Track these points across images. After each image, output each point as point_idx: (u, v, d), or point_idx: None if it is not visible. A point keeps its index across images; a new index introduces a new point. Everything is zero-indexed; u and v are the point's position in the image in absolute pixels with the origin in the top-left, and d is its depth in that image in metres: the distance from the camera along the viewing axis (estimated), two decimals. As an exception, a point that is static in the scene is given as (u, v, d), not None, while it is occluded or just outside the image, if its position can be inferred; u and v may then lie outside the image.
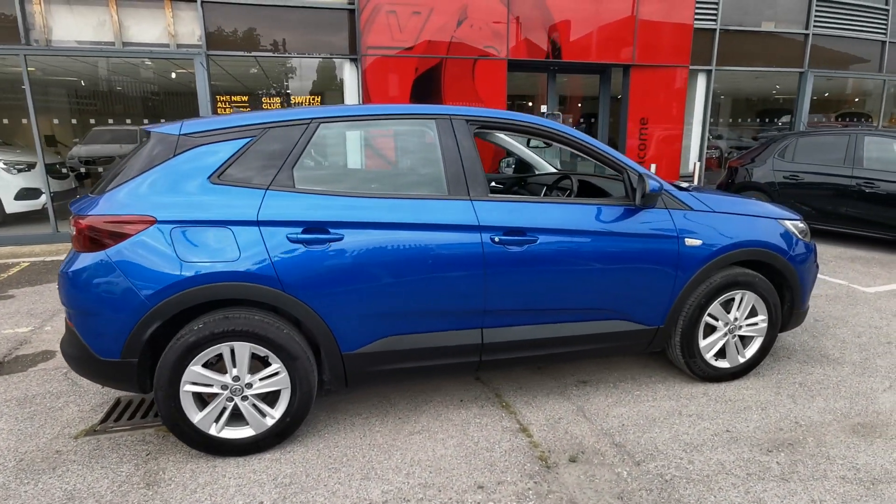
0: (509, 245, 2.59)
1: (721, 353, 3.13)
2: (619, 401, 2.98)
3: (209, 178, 2.36)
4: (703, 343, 3.04)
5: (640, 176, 2.71)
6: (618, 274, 2.78)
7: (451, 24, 7.10)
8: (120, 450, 2.56)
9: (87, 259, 2.25)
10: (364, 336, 2.52)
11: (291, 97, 7.59)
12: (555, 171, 4.14)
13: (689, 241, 2.86)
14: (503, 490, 2.26)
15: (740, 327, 3.10)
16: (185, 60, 7.00)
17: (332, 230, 2.40)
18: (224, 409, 2.43)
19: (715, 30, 8.69)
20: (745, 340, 3.18)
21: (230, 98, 7.21)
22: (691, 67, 8.34)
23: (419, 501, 2.20)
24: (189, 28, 6.86)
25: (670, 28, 7.89)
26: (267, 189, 2.39)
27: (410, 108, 2.66)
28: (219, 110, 7.16)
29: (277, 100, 7.41)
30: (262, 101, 7.43)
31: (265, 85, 8.32)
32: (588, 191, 3.37)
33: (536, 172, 4.22)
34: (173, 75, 8.12)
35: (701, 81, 8.98)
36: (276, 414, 2.48)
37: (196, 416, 2.38)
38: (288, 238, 2.35)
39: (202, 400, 2.43)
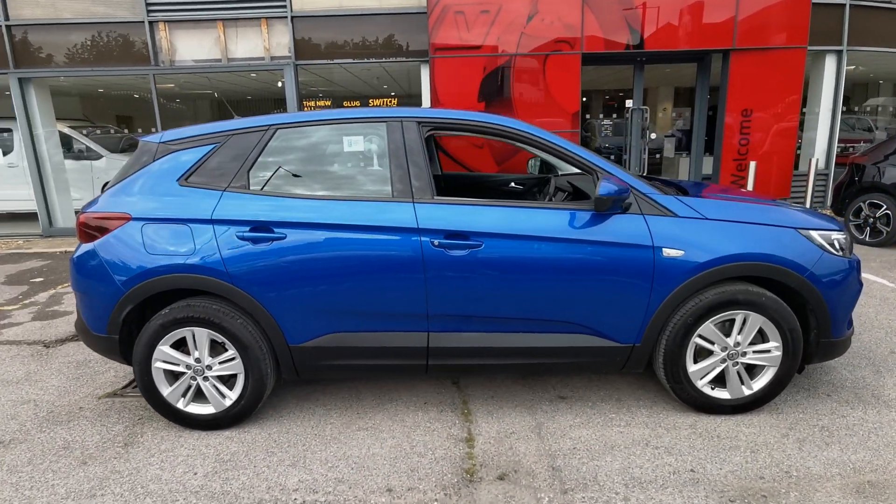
0: (451, 249, 2.53)
1: (721, 382, 2.72)
2: (586, 422, 2.74)
3: (178, 180, 2.65)
4: (692, 368, 2.67)
5: (600, 177, 2.47)
6: (579, 284, 2.56)
7: (520, 21, 6.93)
8: (122, 413, 3.00)
9: (83, 249, 2.68)
10: (309, 330, 2.64)
11: (370, 100, 7.99)
12: (578, 171, 3.88)
13: (668, 252, 2.53)
14: (409, 497, 2.24)
15: (743, 354, 2.66)
16: (277, 70, 7.74)
17: (276, 230, 2.56)
18: (189, 386, 2.72)
19: (844, 5, 7.35)
20: (753, 370, 2.73)
21: (315, 103, 7.80)
22: (812, 48, 7.15)
23: (326, 494, 2.27)
24: (281, 41, 7.57)
25: (780, 5, 6.84)
26: (224, 191, 2.62)
27: (363, 112, 2.71)
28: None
29: (357, 102, 7.86)
30: (342, 104, 7.94)
31: (347, 89, 8.87)
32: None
33: (559, 173, 4.00)
34: (279, 84, 8.99)
35: (830, 64, 7.65)
36: (232, 396, 2.71)
37: (166, 391, 2.70)
38: (237, 236, 2.56)
39: (175, 377, 2.74)
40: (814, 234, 2.62)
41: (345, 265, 2.55)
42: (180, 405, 2.72)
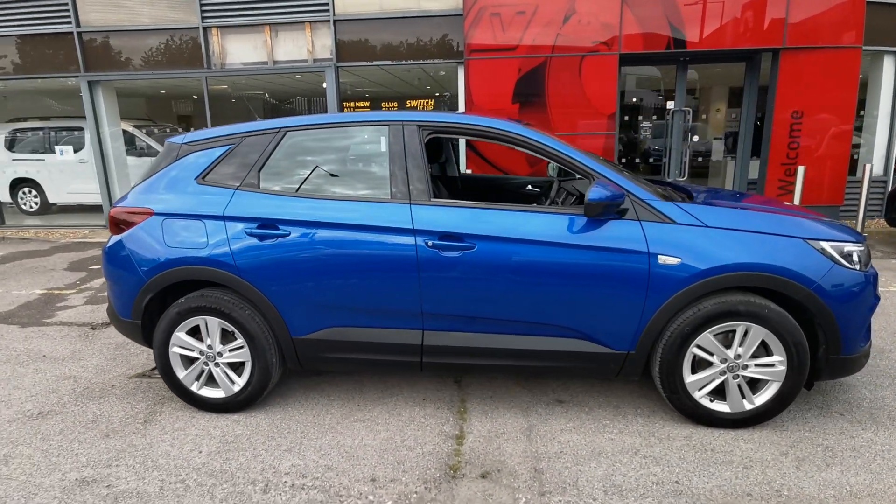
0: (444, 250, 2.59)
1: (721, 394, 2.65)
2: (578, 427, 2.74)
3: (196, 178, 2.85)
4: (689, 378, 2.61)
5: (593, 182, 2.46)
6: (571, 289, 2.56)
7: (557, 21, 6.87)
8: (147, 392, 3.25)
9: (113, 241, 2.93)
10: (311, 323, 2.77)
11: (407, 101, 8.14)
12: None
13: (664, 259, 2.49)
14: (390, 488, 2.32)
15: (745, 367, 2.58)
16: (319, 72, 8.02)
17: (281, 227, 2.70)
18: (203, 371, 2.92)
19: (908, 0, 6.83)
20: (757, 384, 2.64)
21: (355, 104, 8.02)
22: (868, 48, 6.68)
23: (314, 479, 2.39)
24: (323, 43, 7.85)
25: (834, 3, 6.44)
26: (236, 189, 2.80)
27: (367, 116, 2.81)
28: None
29: (395, 104, 8.02)
30: (380, 105, 8.12)
31: (392, 90, 9.06)
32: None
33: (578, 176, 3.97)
34: (324, 84, 9.31)
35: (888, 66, 7.12)
36: (240, 382, 2.89)
37: (181, 374, 2.91)
38: (245, 232, 2.72)
39: (190, 361, 2.95)
40: (824, 244, 2.51)
41: (343, 262, 2.67)
42: (194, 388, 2.93)
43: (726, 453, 2.48)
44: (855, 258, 2.55)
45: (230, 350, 2.86)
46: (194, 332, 2.88)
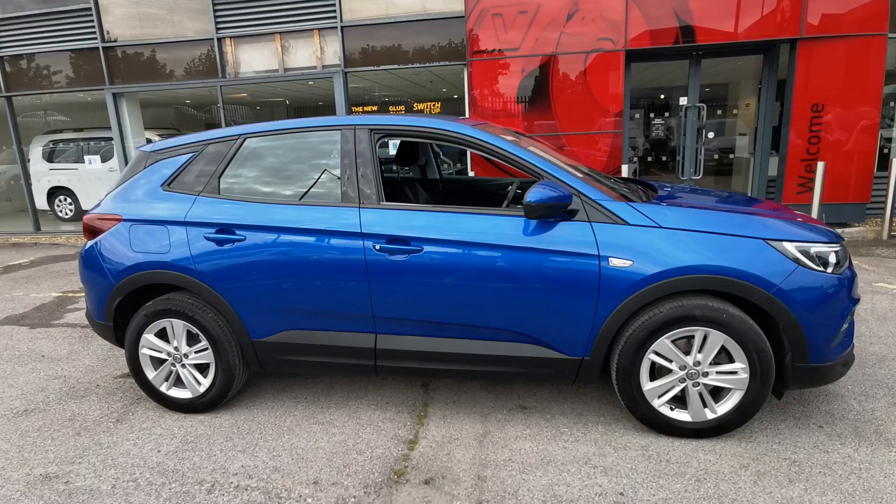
0: (392, 254, 2.58)
1: (683, 402, 2.54)
2: (535, 434, 2.67)
3: (162, 185, 2.94)
4: (647, 386, 2.51)
5: (539, 182, 2.40)
6: (520, 293, 2.50)
7: (560, 19, 6.75)
8: (126, 392, 3.36)
9: (86, 246, 3.05)
10: (268, 326, 2.81)
11: (414, 104, 8.16)
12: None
13: (616, 262, 2.40)
14: (331, 491, 2.32)
15: (705, 374, 2.46)
16: (327, 78, 8.15)
17: (237, 232, 2.75)
18: (171, 372, 3.00)
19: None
20: (720, 393, 2.51)
21: (363, 108, 8.11)
22: (894, 36, 6.27)
23: (259, 481, 2.41)
24: (331, 50, 7.97)
25: (856, -13, 6.08)
26: (198, 196, 2.87)
27: (321, 121, 2.83)
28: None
29: (402, 108, 8.06)
30: (388, 109, 8.18)
31: (405, 92, 9.11)
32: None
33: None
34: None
35: (922, 51, 6.67)
36: (206, 383, 2.95)
37: (151, 374, 3.00)
38: (205, 237, 2.79)
39: (160, 363, 3.04)
40: (788, 245, 2.36)
41: (296, 266, 2.69)
42: (163, 388, 3.01)
43: (682, 464, 2.37)
44: (828, 259, 2.39)
45: (195, 352, 2.93)
46: (162, 335, 2.97)
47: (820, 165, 6.24)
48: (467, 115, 7.38)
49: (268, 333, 2.82)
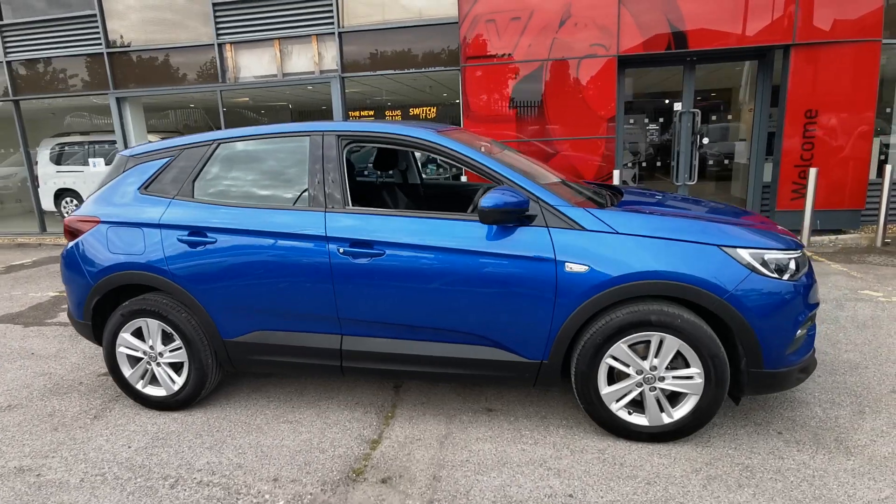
0: (356, 257, 2.63)
1: (640, 406, 2.56)
2: (496, 436, 2.71)
3: (139, 189, 3.03)
4: (605, 390, 2.54)
5: (494, 188, 2.45)
6: (478, 297, 2.55)
7: (552, 25, 6.79)
8: (107, 390, 3.45)
9: (67, 247, 3.14)
10: (238, 327, 2.88)
11: (411, 109, 8.24)
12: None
13: (572, 267, 2.44)
14: (288, 488, 2.38)
15: (662, 379, 2.48)
16: (325, 83, 8.25)
17: (208, 234, 2.83)
18: (147, 370, 3.08)
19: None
20: (677, 398, 2.53)
21: (359, 113, 8.20)
22: (889, 42, 6.23)
23: (222, 477, 2.48)
24: (330, 55, 8.08)
25: (848, -7, 6.06)
26: (172, 199, 2.95)
27: (290, 127, 2.90)
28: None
29: (398, 112, 8.14)
30: (384, 114, 8.26)
31: (406, 96, 9.18)
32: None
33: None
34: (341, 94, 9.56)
35: (920, 56, 6.62)
36: (179, 381, 3.03)
37: (127, 372, 3.08)
38: (178, 239, 2.86)
39: (136, 361, 3.12)
40: (742, 252, 2.38)
41: (264, 268, 2.76)
42: (139, 386, 3.09)
43: (635, 468, 2.39)
44: (785, 266, 2.41)
45: (170, 351, 3.01)
46: (139, 334, 3.05)
47: (812, 171, 6.21)
48: (462, 120, 7.44)
49: (238, 333, 2.89)
